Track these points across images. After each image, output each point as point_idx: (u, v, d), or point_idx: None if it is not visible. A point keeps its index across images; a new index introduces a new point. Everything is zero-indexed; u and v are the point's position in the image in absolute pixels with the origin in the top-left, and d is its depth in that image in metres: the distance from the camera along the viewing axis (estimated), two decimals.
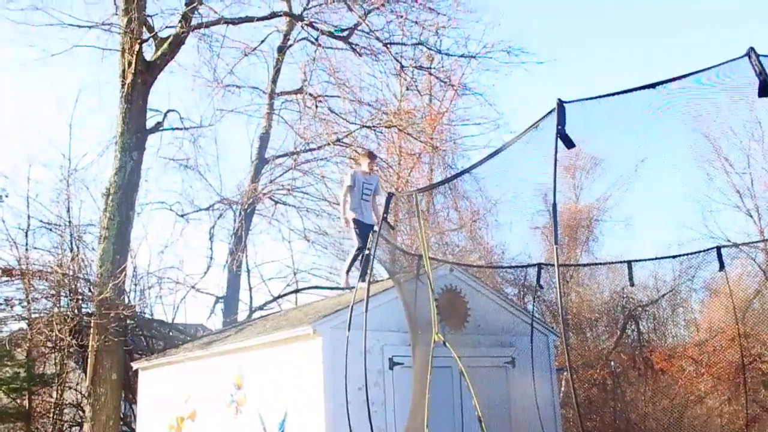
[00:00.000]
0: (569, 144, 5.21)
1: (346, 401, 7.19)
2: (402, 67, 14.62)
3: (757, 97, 5.25)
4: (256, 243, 23.95)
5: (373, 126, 14.73)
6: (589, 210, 20.09)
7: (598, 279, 16.34)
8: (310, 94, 15.92)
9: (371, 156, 8.78)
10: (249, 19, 14.81)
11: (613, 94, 5.31)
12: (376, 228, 7.98)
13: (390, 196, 6.95)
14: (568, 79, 31.26)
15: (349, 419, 7.11)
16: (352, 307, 7.29)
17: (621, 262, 10.61)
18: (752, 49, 5.17)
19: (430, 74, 15.50)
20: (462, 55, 15.01)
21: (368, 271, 7.14)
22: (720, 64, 5.28)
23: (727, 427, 11.45)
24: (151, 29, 14.12)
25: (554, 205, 4.66)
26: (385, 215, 6.89)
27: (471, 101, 17.07)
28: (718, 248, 10.12)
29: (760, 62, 5.13)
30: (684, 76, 5.28)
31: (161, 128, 15.09)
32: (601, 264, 15.72)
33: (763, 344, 12.29)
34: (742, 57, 5.24)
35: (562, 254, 17.93)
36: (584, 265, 17.14)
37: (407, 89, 16.11)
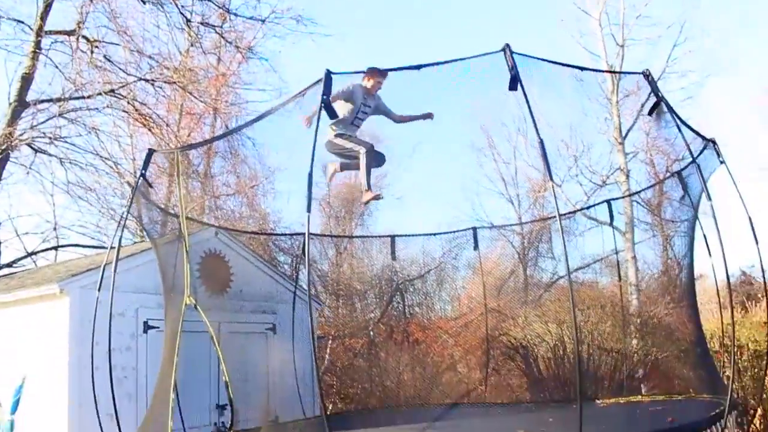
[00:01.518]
0: (332, 115, 5.29)
1: (92, 366, 6.77)
2: (188, 21, 13.98)
3: (508, 90, 5.66)
4: (11, 194, 21.60)
5: (153, 80, 13.94)
6: None
7: (371, 253, 16.89)
8: (85, 38, 14.64)
9: (379, 72, 7.18)
10: None
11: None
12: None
13: (150, 152, 6.59)
14: (359, 55, 31.80)
15: (93, 385, 6.71)
16: (104, 265, 6.84)
17: (385, 236, 11.06)
18: (507, 45, 5.55)
19: (218, 34, 15.00)
20: (251, 18, 14.69)
21: (120, 235, 6.72)
22: (478, 56, 5.62)
23: (473, 393, 12.44)
24: None
25: (310, 174, 4.70)
26: (143, 172, 6.53)
27: (257, 66, 16.83)
28: (474, 229, 10.86)
29: (513, 58, 5.52)
30: (444, 63, 5.55)
31: None
32: (364, 237, 16.31)
33: (511, 320, 13.46)
34: (499, 52, 5.61)
35: (338, 227, 18.37)
36: (347, 237, 17.64)
37: (192, 46, 15.44)
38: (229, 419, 7.25)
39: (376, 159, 7.42)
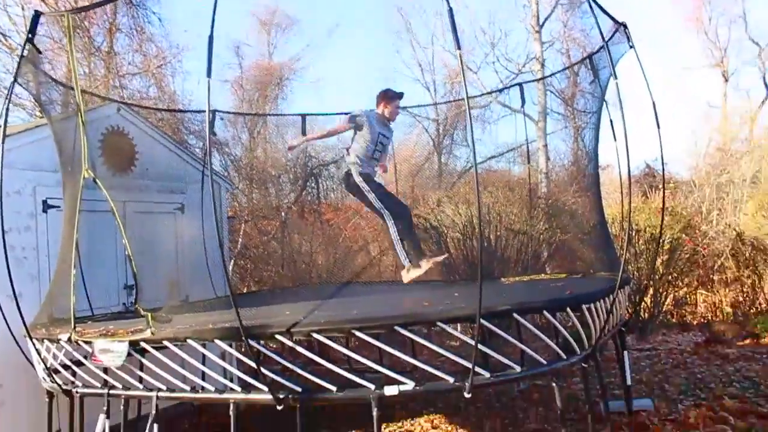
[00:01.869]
0: None
1: None
2: None
3: None
4: None
5: None
6: (281, 68, 20.15)
7: (286, 138, 16.69)
8: None
9: (396, 95, 6.71)
10: None
11: None
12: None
13: (36, 14, 6.05)
14: None
15: None
16: None
17: (295, 114, 10.89)
18: None
19: None
20: None
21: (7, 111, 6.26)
22: None
23: (385, 273, 12.76)
24: None
25: (210, 37, 4.42)
26: (30, 36, 6.01)
27: None
28: None
29: None
30: None
31: None
32: (273, 115, 16.02)
33: (423, 202, 13.71)
34: None
35: (251, 109, 17.90)
36: (255, 115, 17.24)
37: None
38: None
39: (405, 222, 6.80)
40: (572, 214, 11.55)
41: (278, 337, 4.69)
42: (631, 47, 7.25)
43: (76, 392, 5.81)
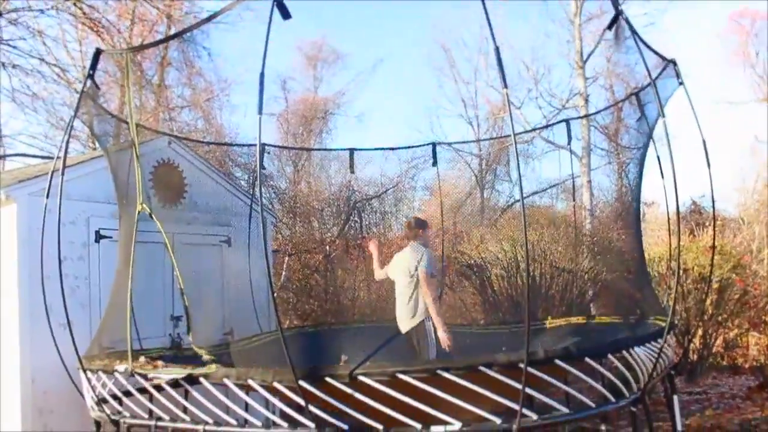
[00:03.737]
0: (285, 14, 5.07)
1: (41, 274, 6.63)
2: None
3: None
4: None
5: None
6: (326, 102, 20.39)
7: (329, 171, 16.83)
8: None
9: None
10: None
11: None
12: None
13: (98, 52, 6.27)
14: None
15: (44, 294, 6.59)
16: (51, 171, 6.61)
17: (343, 149, 10.96)
18: None
19: None
20: None
21: (67, 138, 6.46)
22: None
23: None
24: None
25: (261, 74, 4.53)
26: (90, 72, 6.22)
27: None
28: (434, 144, 10.79)
29: None
30: None
31: None
32: (321, 150, 16.17)
33: (466, 238, 13.64)
34: None
35: (296, 142, 18.14)
36: (303, 149, 17.43)
37: None
38: (184, 329, 7.21)
39: None
40: (618, 252, 11.37)
41: (328, 379, 4.70)
42: (680, 84, 7.16)
43: (123, 422, 5.85)
